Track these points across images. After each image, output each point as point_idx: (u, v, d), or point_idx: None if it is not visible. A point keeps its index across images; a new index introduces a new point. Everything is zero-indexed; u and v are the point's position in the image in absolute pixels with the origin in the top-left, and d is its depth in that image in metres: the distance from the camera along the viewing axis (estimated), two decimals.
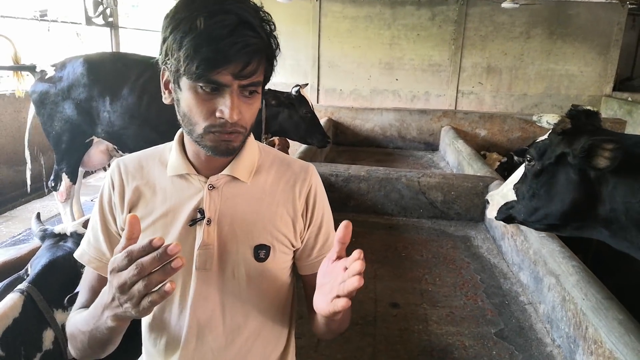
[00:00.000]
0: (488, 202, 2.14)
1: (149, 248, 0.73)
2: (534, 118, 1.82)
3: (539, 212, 1.85)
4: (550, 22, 7.63)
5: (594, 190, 1.65)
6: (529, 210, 1.88)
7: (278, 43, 0.96)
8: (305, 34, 8.12)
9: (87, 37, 6.92)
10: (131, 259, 0.74)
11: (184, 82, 0.91)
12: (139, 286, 0.73)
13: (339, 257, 0.87)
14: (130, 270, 0.73)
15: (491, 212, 2.11)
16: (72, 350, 1.03)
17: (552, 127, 1.71)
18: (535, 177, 1.82)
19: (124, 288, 0.75)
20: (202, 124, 0.92)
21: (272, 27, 0.94)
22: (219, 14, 0.85)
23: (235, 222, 1.04)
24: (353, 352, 2.42)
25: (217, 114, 0.90)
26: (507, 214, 2.01)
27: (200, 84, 0.89)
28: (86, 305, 1.05)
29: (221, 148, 0.95)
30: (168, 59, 0.91)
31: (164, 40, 0.91)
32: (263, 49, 0.90)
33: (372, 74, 8.19)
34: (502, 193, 2.02)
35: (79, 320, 0.98)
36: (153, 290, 0.73)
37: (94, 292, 1.07)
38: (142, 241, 0.74)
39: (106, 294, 0.82)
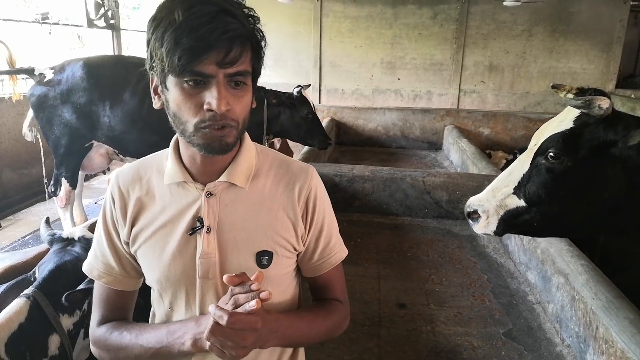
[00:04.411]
0: (475, 216, 1.72)
1: (249, 290, 0.89)
2: (578, 102, 1.45)
3: (568, 216, 1.59)
4: (552, 19, 7.57)
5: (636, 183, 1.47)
6: (553, 215, 1.59)
7: (263, 35, 0.94)
8: (307, 34, 8.08)
9: (89, 40, 6.92)
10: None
11: (170, 80, 0.89)
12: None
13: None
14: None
15: (486, 227, 1.70)
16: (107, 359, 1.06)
17: (602, 112, 1.44)
18: (564, 175, 1.53)
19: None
20: (192, 120, 0.89)
21: (256, 20, 0.92)
22: (197, 5, 0.84)
23: (235, 229, 1.02)
24: (360, 353, 2.40)
25: (205, 107, 0.87)
26: (513, 225, 1.68)
27: (186, 79, 0.86)
28: (107, 320, 1.07)
29: (214, 145, 0.91)
30: (154, 62, 0.90)
31: (148, 43, 0.90)
32: (246, 35, 0.88)
33: (374, 74, 8.14)
34: (499, 200, 1.67)
35: (138, 336, 1.01)
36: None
37: (113, 306, 1.08)
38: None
39: (200, 318, 0.97)
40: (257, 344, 0.91)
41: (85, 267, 1.09)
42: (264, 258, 1.02)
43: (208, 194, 1.01)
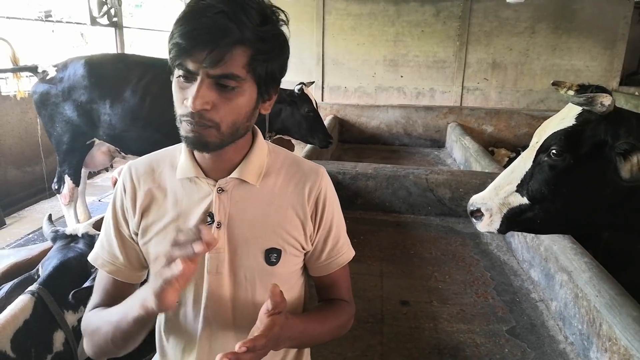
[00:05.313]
0: (478, 214, 1.71)
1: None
2: (580, 99, 1.44)
3: (571, 213, 1.59)
4: (555, 16, 7.54)
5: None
6: (556, 212, 1.60)
7: (279, 41, 0.94)
8: (309, 32, 8.06)
9: (92, 38, 6.92)
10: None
11: (174, 72, 0.92)
12: (165, 270, 0.81)
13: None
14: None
15: (490, 225, 1.69)
16: (90, 348, 1.03)
17: (604, 109, 1.44)
18: (566, 172, 1.53)
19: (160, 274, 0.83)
20: (178, 112, 0.92)
21: (274, 26, 0.93)
22: (204, 3, 0.86)
23: (246, 226, 1.03)
24: (363, 350, 2.41)
25: (184, 102, 0.89)
26: (517, 222, 1.67)
27: (179, 72, 0.89)
28: (101, 306, 1.06)
29: (192, 139, 0.92)
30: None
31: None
32: (239, 38, 0.86)
33: (377, 71, 8.13)
34: (501, 198, 1.66)
35: (106, 313, 1.00)
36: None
37: (109, 295, 1.08)
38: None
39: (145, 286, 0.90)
40: (272, 348, 0.91)
41: (91, 256, 1.10)
42: (272, 255, 1.03)
43: (219, 190, 1.02)
